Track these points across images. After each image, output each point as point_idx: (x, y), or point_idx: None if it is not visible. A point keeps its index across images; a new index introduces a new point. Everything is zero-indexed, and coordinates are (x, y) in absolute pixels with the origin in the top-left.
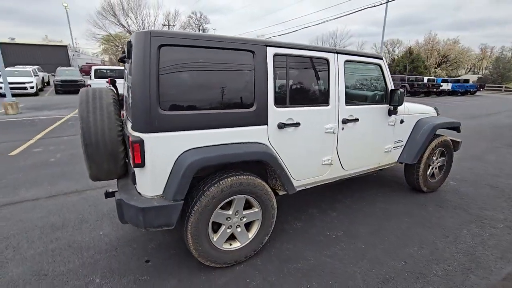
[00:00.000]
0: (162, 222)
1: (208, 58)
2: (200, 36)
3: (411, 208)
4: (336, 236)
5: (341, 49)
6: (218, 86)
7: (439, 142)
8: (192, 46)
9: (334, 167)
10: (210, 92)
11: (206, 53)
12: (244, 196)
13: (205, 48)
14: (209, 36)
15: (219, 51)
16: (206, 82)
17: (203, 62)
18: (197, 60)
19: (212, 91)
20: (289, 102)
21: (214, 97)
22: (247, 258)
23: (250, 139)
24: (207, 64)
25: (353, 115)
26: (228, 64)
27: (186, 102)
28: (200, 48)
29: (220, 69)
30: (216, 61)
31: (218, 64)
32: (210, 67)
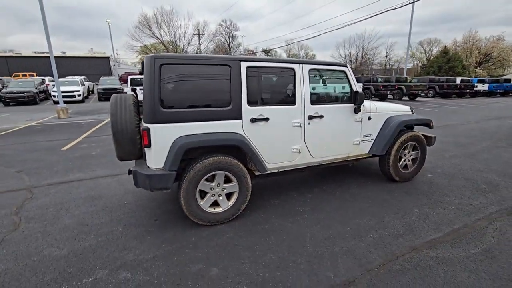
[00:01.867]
0: (162, 185)
1: (196, 71)
2: (190, 57)
3: (379, 193)
4: (303, 210)
5: (305, 60)
6: (203, 91)
7: (408, 136)
8: (184, 64)
9: (303, 154)
10: (197, 95)
11: (194, 68)
12: (224, 172)
13: (194, 65)
14: (196, 56)
15: (204, 66)
16: (194, 88)
17: (192, 75)
18: (187, 73)
19: (199, 94)
20: (260, 102)
21: (200, 98)
22: (227, 221)
23: (228, 130)
24: (195, 75)
25: (318, 113)
26: (211, 75)
27: (179, 103)
28: (190, 65)
29: (204, 79)
30: (201, 73)
31: (203, 75)
32: (197, 77)
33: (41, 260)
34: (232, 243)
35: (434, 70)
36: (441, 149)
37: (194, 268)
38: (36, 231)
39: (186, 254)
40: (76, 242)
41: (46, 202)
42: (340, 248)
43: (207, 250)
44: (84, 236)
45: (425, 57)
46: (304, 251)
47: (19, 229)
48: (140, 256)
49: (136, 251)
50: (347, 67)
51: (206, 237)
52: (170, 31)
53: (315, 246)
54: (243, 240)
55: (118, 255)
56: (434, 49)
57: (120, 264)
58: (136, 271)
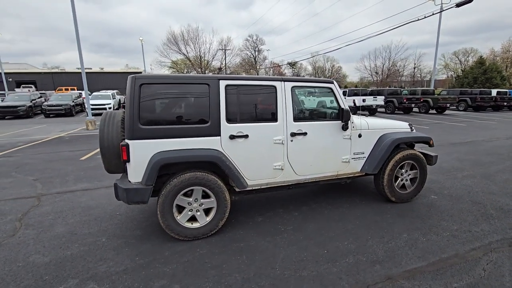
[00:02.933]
0: (138, 199)
1: (175, 90)
2: (169, 77)
3: (370, 214)
4: (284, 229)
5: (288, 77)
6: (182, 109)
7: (404, 155)
8: (163, 83)
9: (286, 172)
10: (176, 113)
11: (173, 87)
12: (201, 187)
13: (173, 84)
14: (175, 76)
15: (183, 85)
16: (173, 106)
17: (171, 93)
18: (167, 92)
19: (177, 112)
20: (239, 119)
21: (179, 116)
22: (205, 236)
23: (207, 146)
24: (174, 94)
25: (302, 129)
26: (189, 94)
27: (158, 120)
28: (169, 84)
29: (183, 97)
30: (180, 92)
31: (182, 94)
32: (176, 96)
33: (24, 266)
34: (203, 260)
35: (469, 81)
36: (455, 168)
37: (157, 284)
38: (30, 237)
39: (155, 268)
40: (60, 250)
41: (48, 210)
42: (309, 273)
43: (177, 266)
44: (70, 245)
45: (460, 68)
46: (271, 272)
47: (17, 235)
48: (111, 268)
49: (110, 262)
50: (333, 84)
51: (180, 252)
52: (195, 47)
53: (284, 269)
54: (215, 257)
55: (92, 266)
56: (471, 59)
57: (91, 275)
58: (103, 283)
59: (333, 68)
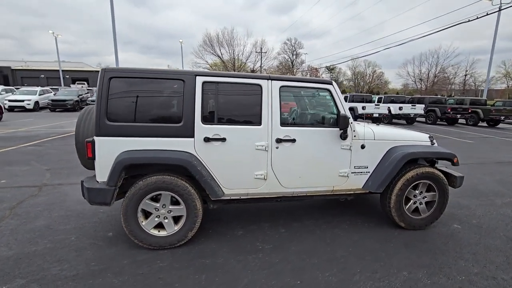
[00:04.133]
0: (100, 200)
1: (146, 85)
2: (140, 70)
3: (370, 241)
4: (262, 248)
5: (276, 76)
6: (153, 105)
7: (418, 173)
8: (134, 77)
9: (270, 182)
10: (147, 110)
11: (145, 81)
12: (169, 193)
13: (145, 78)
14: (147, 70)
15: (156, 80)
16: (144, 102)
17: (143, 88)
18: (138, 86)
19: (148, 108)
20: (217, 120)
21: (150, 113)
22: (171, 247)
23: (178, 148)
24: (146, 89)
25: (290, 136)
26: (162, 89)
27: (127, 116)
28: (140, 78)
29: (155, 92)
30: (152, 87)
31: (154, 89)
32: (148, 91)
33: None
34: (158, 275)
35: None
36: (495, 192)
37: None
38: (9, 228)
39: (105, 278)
40: (27, 245)
41: (41, 201)
42: None
43: (128, 278)
44: (39, 240)
45: None
46: None
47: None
48: (63, 272)
49: (65, 265)
50: (332, 85)
51: (138, 263)
52: (230, 50)
53: None
54: (173, 273)
55: (47, 267)
56: None
57: (40, 277)
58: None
59: (374, 74)
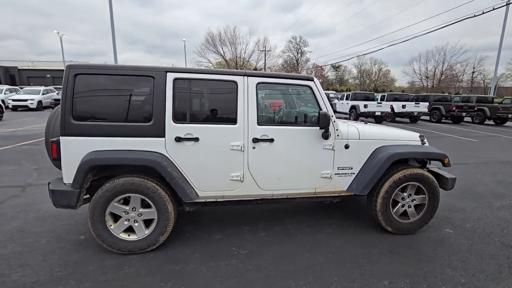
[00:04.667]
0: (64, 203)
1: (114, 82)
2: (107, 67)
3: (352, 245)
4: (238, 253)
5: (252, 71)
6: (121, 104)
7: (406, 174)
8: (101, 74)
9: (247, 184)
10: (115, 108)
11: (113, 78)
12: (139, 195)
13: (112, 75)
14: (115, 67)
15: (124, 77)
16: (112, 100)
17: (110, 85)
18: (105, 84)
19: (116, 107)
20: (189, 119)
21: (118, 112)
22: (142, 251)
23: (148, 148)
24: (113, 86)
25: (267, 135)
26: (131, 87)
27: (94, 115)
28: (107, 75)
29: (124, 90)
30: (120, 84)
31: (122, 87)
32: (116, 89)
33: None
34: (121, 283)
35: None
36: (494, 193)
37: None
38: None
39: (65, 286)
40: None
41: (21, 202)
42: None
43: (89, 285)
44: (8, 243)
45: None
46: None
47: None
48: (23, 278)
49: (28, 271)
50: (313, 81)
51: (104, 268)
52: (232, 48)
53: None
54: (137, 280)
55: (8, 272)
56: None
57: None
58: None
59: (380, 72)
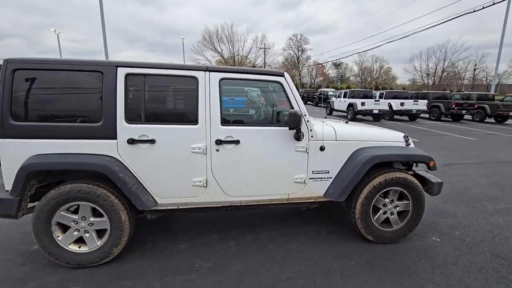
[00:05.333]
0: (3, 212)
1: (58, 78)
2: (50, 61)
3: (327, 256)
4: (200, 266)
5: (215, 66)
6: (67, 102)
7: (387, 179)
8: (43, 69)
9: (212, 190)
10: (58, 107)
11: (57, 74)
12: (88, 203)
13: (56, 71)
14: (58, 60)
15: (70, 72)
16: (56, 98)
17: (54, 82)
18: (48, 80)
19: (60, 106)
20: (144, 119)
21: (62, 111)
22: (93, 265)
23: (98, 151)
24: (58, 83)
25: (233, 136)
26: (77, 83)
27: (36, 115)
28: (50, 70)
29: (69, 87)
30: (66, 80)
31: (68, 83)
32: (60, 85)
33: None
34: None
35: None
36: (489, 196)
37: None
38: None
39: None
40: None
41: None
42: None
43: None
44: None
45: None
46: None
47: None
48: None
49: None
50: (283, 77)
51: (47, 285)
52: (229, 45)
53: None
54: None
55: None
56: None
57: None
58: None
59: (382, 69)
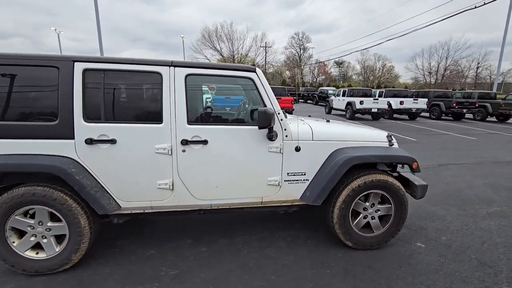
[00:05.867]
0: None
1: (10, 74)
2: (3, 56)
3: (302, 263)
4: (165, 274)
5: (181, 61)
6: (18, 99)
7: (367, 181)
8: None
9: (179, 193)
10: (11, 105)
11: (8, 69)
12: (45, 208)
13: (7, 66)
14: (11, 55)
15: (22, 68)
16: (8, 96)
17: (5, 78)
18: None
19: (13, 103)
20: (104, 117)
21: (15, 109)
22: (51, 272)
23: (55, 152)
24: (9, 79)
25: (200, 136)
26: (30, 79)
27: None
28: (2, 65)
29: (21, 84)
30: (18, 77)
31: (20, 79)
32: (12, 82)
33: None
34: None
35: None
36: (482, 198)
37: None
38: None
39: None
40: None
41: None
42: None
43: None
44: None
45: None
46: None
47: None
48: None
49: None
50: (255, 73)
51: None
52: (229, 44)
53: None
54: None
55: None
56: None
57: None
58: None
59: (384, 68)
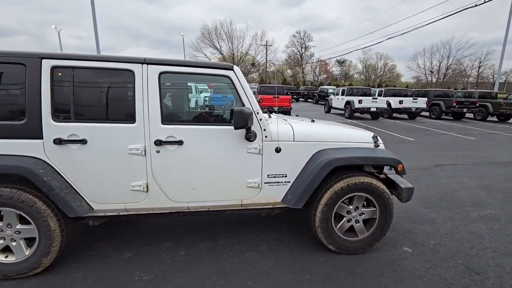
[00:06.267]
0: None
1: None
2: None
3: (282, 269)
4: (139, 279)
5: (154, 58)
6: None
7: (350, 184)
8: None
9: (154, 195)
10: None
11: None
12: (13, 210)
13: None
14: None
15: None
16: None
17: None
18: None
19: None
20: (74, 117)
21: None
22: (20, 277)
23: (23, 152)
24: None
25: (175, 136)
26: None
27: None
28: None
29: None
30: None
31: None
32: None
33: None
34: None
35: None
36: (475, 201)
37: None
38: None
39: None
40: None
41: None
42: None
43: None
44: None
45: None
46: None
47: None
48: None
49: None
50: (232, 71)
51: None
52: (229, 42)
53: None
54: None
55: None
56: None
57: None
58: None
59: (386, 67)
